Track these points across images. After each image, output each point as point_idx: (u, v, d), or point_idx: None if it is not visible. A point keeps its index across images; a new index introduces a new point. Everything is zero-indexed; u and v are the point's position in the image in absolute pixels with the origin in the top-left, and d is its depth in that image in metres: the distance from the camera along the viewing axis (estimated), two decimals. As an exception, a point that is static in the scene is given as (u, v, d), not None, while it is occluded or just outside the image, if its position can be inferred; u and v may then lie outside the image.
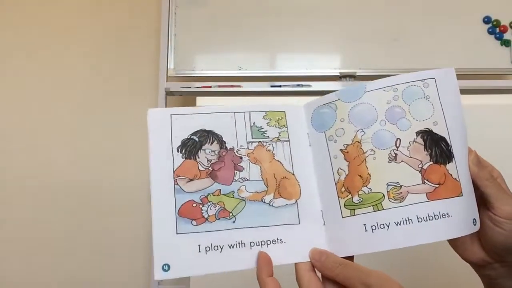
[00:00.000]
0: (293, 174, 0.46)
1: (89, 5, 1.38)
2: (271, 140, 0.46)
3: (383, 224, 0.42)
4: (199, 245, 0.42)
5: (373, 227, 0.42)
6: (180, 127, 0.45)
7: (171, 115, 0.46)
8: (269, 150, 0.46)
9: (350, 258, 0.43)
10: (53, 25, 1.37)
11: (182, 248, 0.41)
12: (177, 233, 0.42)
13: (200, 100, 1.24)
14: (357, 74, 1.20)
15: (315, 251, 0.42)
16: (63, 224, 1.27)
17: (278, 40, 1.23)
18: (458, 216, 0.41)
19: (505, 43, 1.20)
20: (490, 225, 0.42)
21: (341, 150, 0.45)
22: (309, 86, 1.20)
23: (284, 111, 0.48)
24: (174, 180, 0.43)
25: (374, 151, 0.44)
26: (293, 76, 1.22)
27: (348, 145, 0.45)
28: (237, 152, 0.45)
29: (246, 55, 1.23)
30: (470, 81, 1.19)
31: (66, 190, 1.29)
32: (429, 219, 0.41)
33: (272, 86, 1.20)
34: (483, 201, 0.43)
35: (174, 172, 0.44)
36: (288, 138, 0.47)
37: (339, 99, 0.47)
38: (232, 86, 1.20)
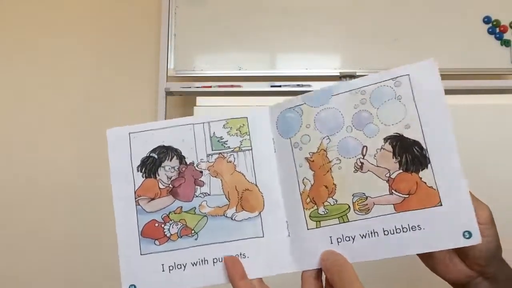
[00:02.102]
0: (256, 185, 0.44)
1: (89, 5, 1.38)
2: (232, 151, 0.45)
3: (348, 237, 0.40)
4: (162, 265, 0.42)
5: (339, 240, 0.41)
6: (139, 145, 0.45)
7: (129, 133, 0.46)
8: (230, 162, 0.44)
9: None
10: (53, 25, 1.37)
11: (146, 268, 0.42)
12: (141, 254, 0.43)
13: (200, 100, 1.24)
14: (357, 74, 1.20)
15: (326, 252, 0.41)
16: (63, 224, 1.27)
17: (278, 40, 1.23)
18: (434, 229, 0.38)
19: (505, 43, 1.20)
20: None
21: (306, 158, 0.43)
22: (309, 86, 1.20)
23: (246, 117, 0.46)
24: (136, 201, 0.45)
25: (340, 160, 0.42)
26: (293, 76, 1.22)
27: (313, 153, 0.43)
28: (197, 166, 0.44)
29: (246, 55, 1.23)
30: (470, 81, 1.19)
31: (66, 190, 1.29)
32: (397, 232, 0.39)
33: (272, 86, 1.20)
34: None
35: (135, 192, 0.45)
36: (251, 146, 0.45)
37: (305, 103, 0.45)
38: (232, 86, 1.20)
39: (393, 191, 0.40)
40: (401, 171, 0.40)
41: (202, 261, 0.42)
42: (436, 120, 0.40)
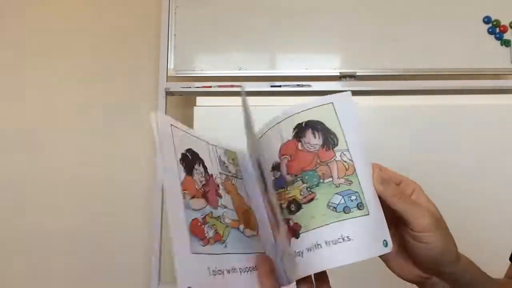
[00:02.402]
0: (251, 209, 0.46)
1: (89, 6, 1.38)
2: (232, 176, 0.47)
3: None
4: (208, 268, 0.39)
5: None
6: (178, 139, 0.42)
7: (171, 125, 0.43)
8: (233, 184, 0.46)
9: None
10: (53, 25, 1.37)
11: (198, 269, 0.38)
12: (191, 253, 0.38)
13: (200, 100, 1.24)
14: (357, 74, 1.20)
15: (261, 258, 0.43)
16: (63, 223, 1.27)
17: (278, 40, 1.23)
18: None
19: (505, 43, 1.20)
20: (412, 242, 0.42)
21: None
22: (309, 86, 1.20)
23: (235, 152, 0.49)
24: (182, 194, 0.40)
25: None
26: (293, 76, 1.22)
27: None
28: (215, 179, 0.45)
29: (246, 55, 1.23)
30: (470, 81, 1.19)
31: (66, 189, 1.29)
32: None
33: (272, 86, 1.20)
34: (400, 219, 0.42)
35: (181, 185, 0.40)
36: (242, 176, 0.48)
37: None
38: (232, 86, 1.20)
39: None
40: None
41: (232, 269, 0.41)
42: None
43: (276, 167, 0.45)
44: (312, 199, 0.42)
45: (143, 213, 1.26)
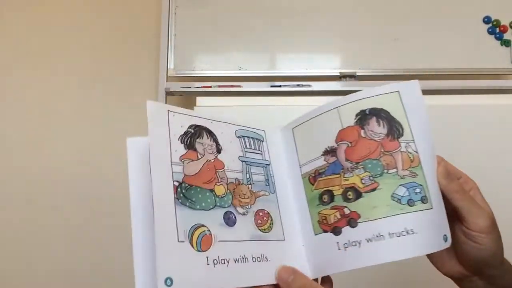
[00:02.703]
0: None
1: (89, 5, 1.38)
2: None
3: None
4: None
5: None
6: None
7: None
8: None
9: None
10: (53, 25, 1.37)
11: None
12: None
13: (200, 100, 1.24)
14: (357, 74, 1.20)
15: (283, 270, 0.41)
16: (63, 223, 1.27)
17: (278, 40, 1.23)
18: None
19: (505, 43, 1.20)
20: (464, 239, 0.41)
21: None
22: (309, 86, 1.20)
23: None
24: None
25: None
26: (293, 76, 1.22)
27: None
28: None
29: (246, 55, 1.23)
30: (470, 81, 1.19)
31: (67, 190, 1.29)
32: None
33: (272, 86, 1.20)
34: (455, 215, 0.42)
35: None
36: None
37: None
38: (232, 86, 1.20)
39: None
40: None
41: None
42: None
43: (329, 152, 0.44)
44: (374, 189, 0.41)
45: (143, 213, 1.26)
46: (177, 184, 0.39)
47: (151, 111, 0.41)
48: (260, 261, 0.41)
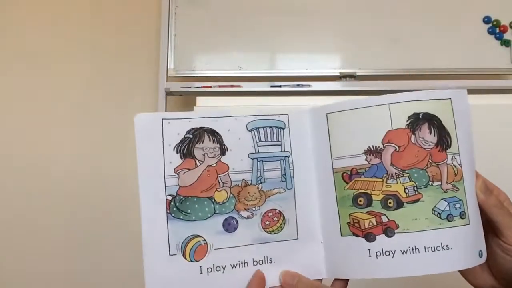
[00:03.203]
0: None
1: (89, 5, 1.38)
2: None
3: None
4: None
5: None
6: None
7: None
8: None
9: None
10: (53, 25, 1.37)
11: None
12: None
13: (200, 100, 1.24)
14: (357, 74, 1.20)
15: (287, 274, 0.40)
16: (63, 223, 1.27)
17: (278, 40, 1.22)
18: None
19: (505, 43, 1.20)
20: (499, 253, 0.41)
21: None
22: (309, 86, 1.20)
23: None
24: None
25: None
26: (293, 76, 1.22)
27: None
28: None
29: (246, 55, 1.23)
30: (470, 81, 1.19)
31: (67, 190, 1.29)
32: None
33: (272, 86, 1.20)
34: (491, 228, 0.42)
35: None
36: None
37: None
38: (232, 86, 1.20)
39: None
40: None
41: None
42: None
43: (373, 152, 0.41)
44: (417, 200, 0.40)
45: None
46: (170, 198, 0.40)
47: (140, 125, 0.41)
48: (262, 263, 0.40)
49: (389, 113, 0.41)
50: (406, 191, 0.40)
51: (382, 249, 0.39)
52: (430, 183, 0.40)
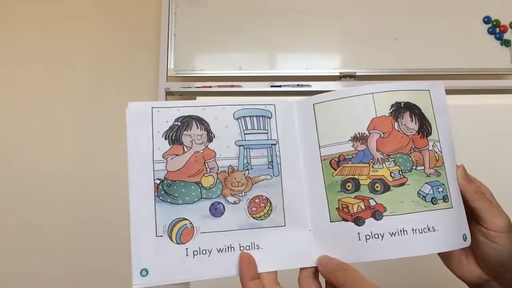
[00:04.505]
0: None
1: (89, 5, 1.38)
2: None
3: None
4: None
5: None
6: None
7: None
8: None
9: None
10: (53, 25, 1.37)
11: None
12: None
13: (200, 100, 1.24)
14: (357, 74, 1.20)
15: (323, 257, 0.41)
16: (63, 223, 1.27)
17: (278, 40, 1.23)
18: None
19: (505, 43, 1.20)
20: (483, 240, 0.41)
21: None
22: (309, 86, 1.20)
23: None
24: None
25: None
26: (293, 76, 1.22)
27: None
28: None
29: (246, 55, 1.23)
30: (470, 81, 1.19)
31: (67, 190, 1.29)
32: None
33: (272, 86, 1.20)
34: (474, 216, 0.43)
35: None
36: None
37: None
38: (232, 86, 1.20)
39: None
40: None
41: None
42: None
43: (359, 139, 0.43)
44: (403, 184, 0.42)
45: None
46: (158, 182, 0.41)
47: (132, 112, 0.43)
48: (249, 249, 0.41)
49: (373, 102, 0.43)
50: (392, 175, 0.42)
51: (371, 232, 0.40)
52: (414, 167, 0.42)
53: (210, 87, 1.21)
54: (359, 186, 0.42)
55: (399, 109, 0.43)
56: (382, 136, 0.43)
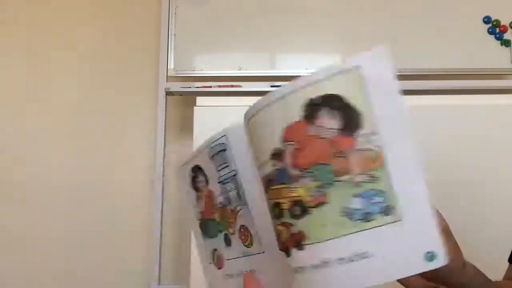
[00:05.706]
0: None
1: (89, 6, 1.38)
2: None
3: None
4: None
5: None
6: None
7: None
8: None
9: None
10: (53, 26, 1.37)
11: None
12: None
13: (200, 100, 1.24)
14: (357, 74, 1.20)
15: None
16: (63, 223, 1.27)
17: (278, 40, 1.23)
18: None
19: (505, 43, 1.20)
20: None
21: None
22: (309, 86, 1.19)
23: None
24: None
25: None
26: (293, 76, 1.20)
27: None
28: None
29: (246, 55, 1.23)
30: (470, 81, 1.19)
31: (66, 190, 1.29)
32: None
33: (272, 86, 1.20)
34: None
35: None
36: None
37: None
38: (232, 86, 1.20)
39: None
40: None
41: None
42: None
43: (277, 156, 0.34)
44: (323, 203, 0.32)
45: (143, 214, 1.26)
46: (199, 222, 0.49)
47: (179, 174, 0.51)
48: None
49: (284, 108, 0.34)
50: (309, 193, 0.33)
51: (296, 265, 0.34)
52: (336, 179, 0.32)
53: (210, 87, 1.21)
54: (282, 211, 0.34)
55: (312, 108, 0.33)
56: (297, 147, 0.33)
